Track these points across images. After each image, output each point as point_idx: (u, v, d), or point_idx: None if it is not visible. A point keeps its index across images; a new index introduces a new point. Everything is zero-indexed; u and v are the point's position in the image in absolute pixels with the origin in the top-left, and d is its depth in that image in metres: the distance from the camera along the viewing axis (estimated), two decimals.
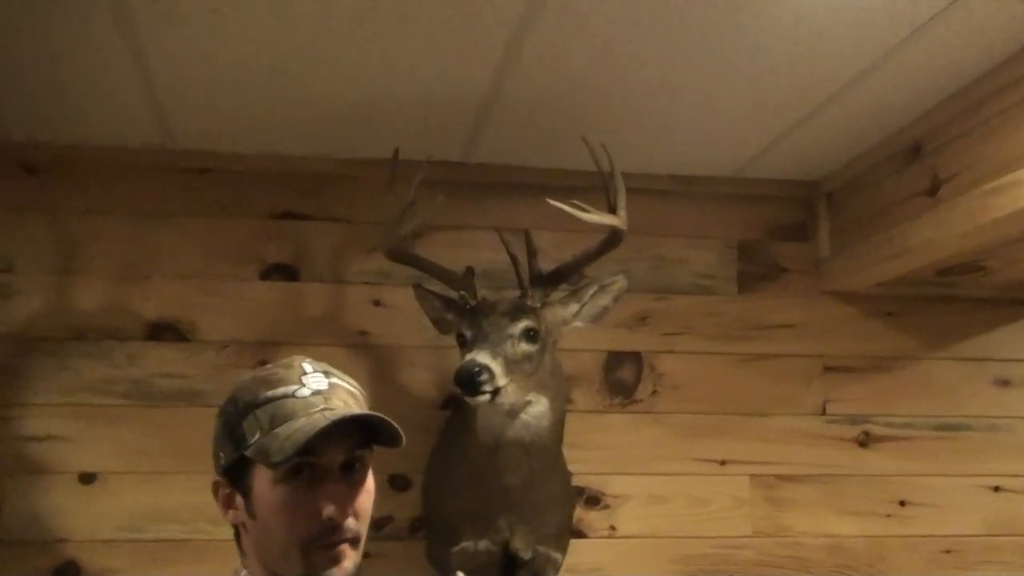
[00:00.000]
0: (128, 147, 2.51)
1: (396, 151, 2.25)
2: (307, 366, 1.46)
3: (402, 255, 2.21)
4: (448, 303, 2.27)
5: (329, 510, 1.37)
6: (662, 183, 2.69)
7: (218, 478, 1.45)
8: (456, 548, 2.34)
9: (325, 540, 1.38)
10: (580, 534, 2.55)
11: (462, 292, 2.16)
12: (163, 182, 2.55)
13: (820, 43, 1.97)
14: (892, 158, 2.48)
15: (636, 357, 2.67)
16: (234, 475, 1.42)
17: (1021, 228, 2.10)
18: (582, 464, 2.49)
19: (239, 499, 1.43)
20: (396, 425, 1.39)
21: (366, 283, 2.58)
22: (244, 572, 1.45)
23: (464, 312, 2.16)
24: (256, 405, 1.40)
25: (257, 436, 1.37)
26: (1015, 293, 2.85)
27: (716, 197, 2.76)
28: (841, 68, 2.09)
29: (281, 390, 1.41)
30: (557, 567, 2.44)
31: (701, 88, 2.18)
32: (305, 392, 1.41)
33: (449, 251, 2.45)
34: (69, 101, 2.26)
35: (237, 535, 1.48)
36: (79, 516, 2.40)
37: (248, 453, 1.38)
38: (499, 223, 2.58)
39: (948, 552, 2.74)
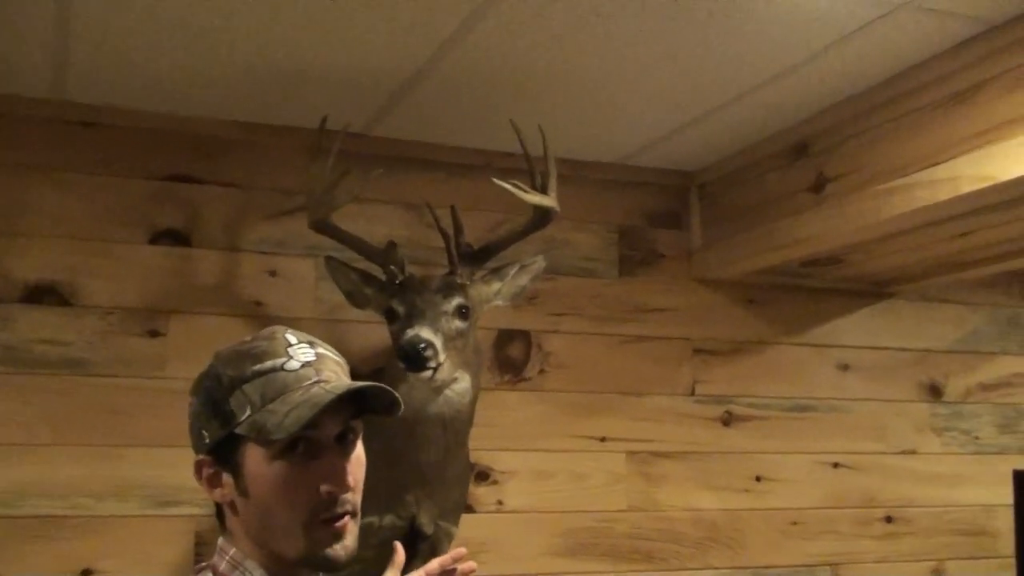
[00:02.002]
0: (1, 93, 2.33)
1: (324, 120, 2.21)
2: (291, 337, 1.41)
3: (328, 227, 2.16)
4: (367, 277, 2.25)
5: (327, 485, 1.34)
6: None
7: (201, 457, 1.39)
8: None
9: (326, 515, 1.35)
10: (469, 508, 2.58)
11: (391, 267, 2.14)
12: (45, 134, 2.38)
13: (757, 40, 2.07)
14: (776, 155, 2.63)
15: (525, 336, 2.73)
16: (221, 453, 1.37)
17: (911, 226, 2.30)
18: (474, 440, 2.51)
19: (226, 477, 1.37)
20: (396, 394, 1.37)
21: (261, 252, 2.51)
22: (233, 550, 1.39)
23: (391, 287, 2.14)
24: (244, 380, 1.34)
25: (248, 413, 1.32)
26: (857, 285, 3.10)
27: (601, 183, 2.85)
28: (763, 68, 2.21)
29: (269, 363, 1.35)
30: (451, 541, 2.47)
31: (629, 78, 2.25)
32: (295, 364, 1.36)
33: (344, 224, 2.40)
34: None
35: (220, 514, 1.43)
36: None
37: (240, 431, 1.33)
38: (396, 198, 2.60)
39: (795, 524, 2.95)
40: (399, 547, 1.61)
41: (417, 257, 2.47)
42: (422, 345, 1.96)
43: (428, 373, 2.00)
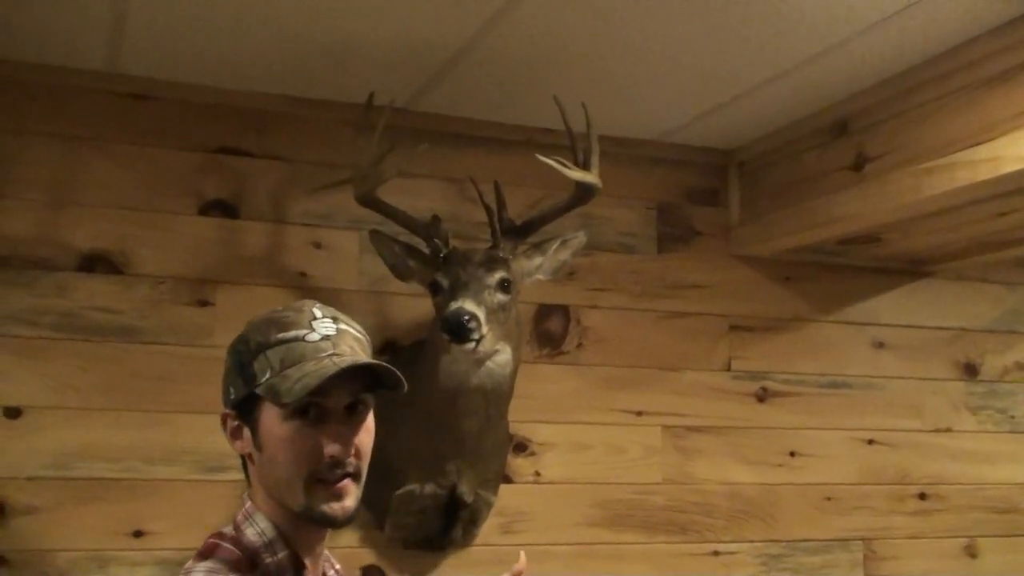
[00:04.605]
0: (57, 66, 2.38)
1: (371, 96, 2.24)
2: (317, 311, 1.54)
3: (373, 201, 2.21)
4: (411, 250, 2.29)
5: (332, 448, 1.47)
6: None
7: (227, 411, 1.54)
8: (400, 491, 2.38)
9: (327, 475, 1.47)
10: (507, 479, 2.63)
11: (436, 240, 2.18)
12: (97, 106, 2.43)
13: (799, 18, 2.07)
14: (816, 133, 2.64)
15: (564, 310, 2.77)
16: (243, 409, 1.51)
17: (950, 205, 2.31)
18: (512, 412, 2.56)
19: (246, 432, 1.52)
20: (398, 372, 1.49)
21: (307, 224, 2.56)
22: (249, 503, 1.53)
23: (435, 261, 2.19)
24: (267, 346, 1.48)
25: (267, 376, 1.46)
26: (894, 263, 3.11)
27: (640, 159, 2.88)
28: (805, 46, 2.22)
29: (292, 333, 1.49)
30: (490, 510, 2.53)
31: (670, 55, 2.27)
32: (314, 336, 1.49)
33: (388, 198, 2.44)
34: (22, 14, 2.12)
35: (244, 465, 1.57)
36: (3, 452, 2.28)
37: (258, 391, 1.47)
38: (439, 173, 2.64)
39: (828, 499, 2.98)
40: (523, 557, 1.67)
41: (459, 231, 2.51)
42: (466, 317, 2.01)
43: (471, 345, 2.04)
